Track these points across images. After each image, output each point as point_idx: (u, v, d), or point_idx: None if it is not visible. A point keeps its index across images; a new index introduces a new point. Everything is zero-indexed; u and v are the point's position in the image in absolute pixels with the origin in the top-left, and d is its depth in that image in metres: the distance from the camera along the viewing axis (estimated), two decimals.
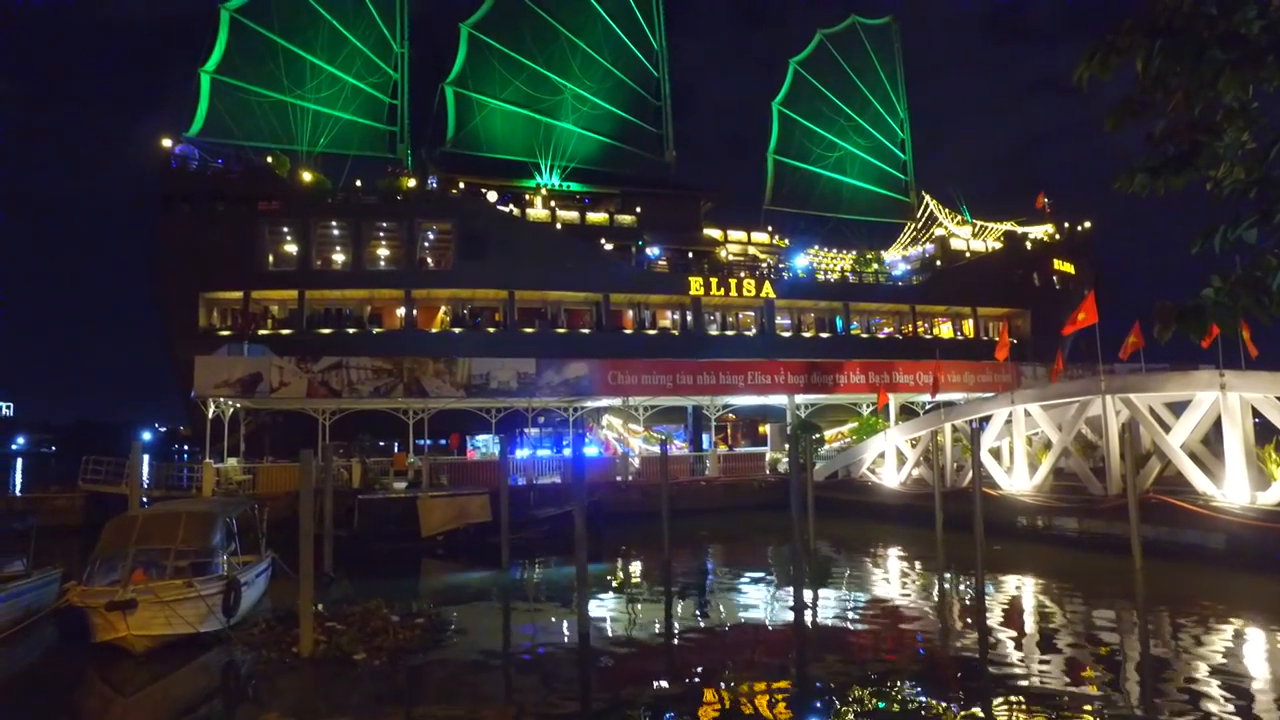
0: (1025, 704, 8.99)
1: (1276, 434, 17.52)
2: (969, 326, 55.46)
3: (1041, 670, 10.38)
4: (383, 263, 45.43)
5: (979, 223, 64.36)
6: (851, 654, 11.73)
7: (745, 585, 17.34)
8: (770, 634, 13.14)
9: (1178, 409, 19.58)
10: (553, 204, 51.34)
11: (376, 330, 42.53)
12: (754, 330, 49.46)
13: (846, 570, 18.90)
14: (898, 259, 61.60)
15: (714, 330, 48.68)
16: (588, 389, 30.67)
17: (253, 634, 12.25)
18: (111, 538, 12.83)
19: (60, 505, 26.68)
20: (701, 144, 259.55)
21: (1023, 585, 16.28)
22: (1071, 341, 42.89)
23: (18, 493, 33.86)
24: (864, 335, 52.17)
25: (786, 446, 30.35)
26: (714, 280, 47.88)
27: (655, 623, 14.26)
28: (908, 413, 34.92)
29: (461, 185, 48.93)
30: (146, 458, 28.28)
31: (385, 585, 15.92)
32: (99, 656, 11.32)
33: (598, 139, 58.04)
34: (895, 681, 10.13)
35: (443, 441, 35.28)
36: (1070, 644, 11.63)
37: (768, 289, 48.70)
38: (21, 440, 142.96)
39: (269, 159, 45.63)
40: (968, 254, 60.45)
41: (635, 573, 19.20)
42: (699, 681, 10.47)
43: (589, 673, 10.98)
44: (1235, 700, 8.79)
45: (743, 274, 49.91)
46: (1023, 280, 55.87)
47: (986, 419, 24.36)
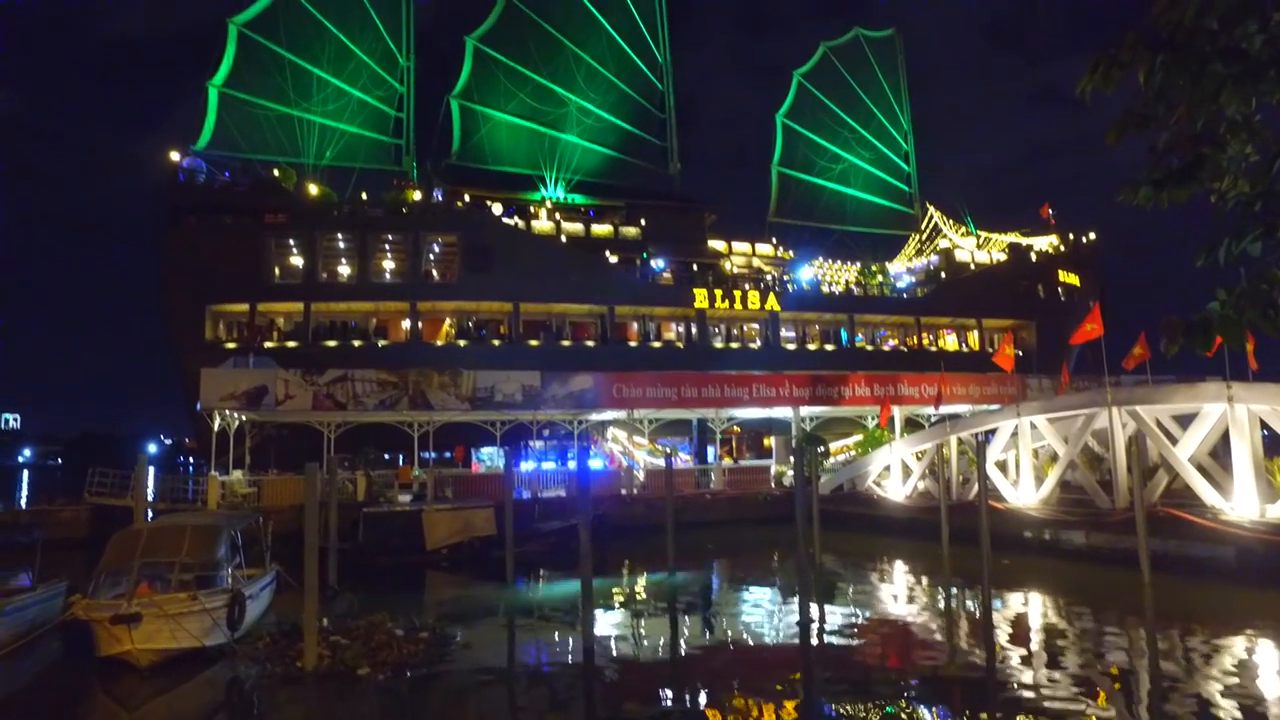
0: None
1: None
2: (974, 338, 55.37)
3: (1050, 688, 10.27)
4: (388, 275, 45.50)
5: (983, 234, 64.34)
6: (857, 671, 11.64)
7: (750, 599, 17.26)
8: (776, 650, 13.06)
9: (1185, 421, 19.47)
10: (557, 216, 51.44)
11: (382, 343, 42.58)
12: (759, 343, 49.38)
13: (852, 584, 18.77)
14: (902, 271, 61.49)
15: (719, 343, 48.64)
16: (592, 402, 30.68)
17: (257, 648, 12.24)
18: (116, 551, 12.84)
19: (66, 518, 26.67)
20: (706, 156, 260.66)
21: (1029, 600, 16.17)
22: (1077, 353, 42.83)
23: (23, 505, 33.94)
24: (869, 347, 52.05)
25: (791, 459, 30.23)
26: (719, 292, 47.84)
27: (660, 638, 14.16)
28: (913, 425, 34.81)
29: (467, 198, 49.15)
30: (152, 470, 28.34)
31: (390, 599, 15.91)
32: (104, 670, 11.32)
33: (602, 152, 58.16)
34: (902, 701, 10.06)
35: (447, 454, 35.26)
36: (1078, 661, 11.53)
37: (772, 301, 48.66)
38: (28, 452, 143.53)
39: (275, 172, 45.79)
40: (972, 266, 60.32)
41: (640, 587, 19.12)
42: (704, 699, 10.40)
43: (593, 689, 10.94)
44: None
45: (747, 286, 49.90)
46: (1028, 292, 55.73)
47: (992, 431, 24.25)
